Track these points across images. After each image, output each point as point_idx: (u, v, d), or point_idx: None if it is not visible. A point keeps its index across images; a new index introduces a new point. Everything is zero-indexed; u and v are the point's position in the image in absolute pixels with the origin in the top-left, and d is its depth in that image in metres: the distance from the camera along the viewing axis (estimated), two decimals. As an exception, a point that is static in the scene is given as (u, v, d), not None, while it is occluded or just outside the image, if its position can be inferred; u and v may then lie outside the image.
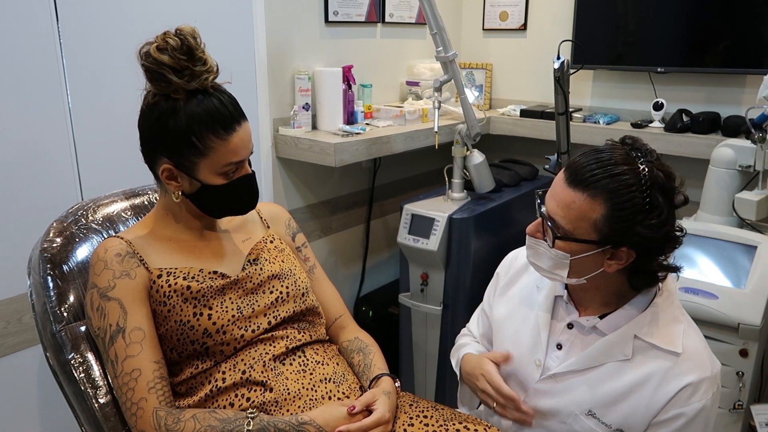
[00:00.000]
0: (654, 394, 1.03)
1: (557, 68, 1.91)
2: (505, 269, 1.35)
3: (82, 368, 1.11)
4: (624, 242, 0.99)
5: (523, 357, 1.17)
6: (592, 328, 1.11)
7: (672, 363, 1.04)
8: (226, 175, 1.10)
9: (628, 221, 0.97)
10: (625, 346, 1.06)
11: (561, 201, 1.02)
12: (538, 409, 1.13)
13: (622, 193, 0.96)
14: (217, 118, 1.06)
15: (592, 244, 1.00)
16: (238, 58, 2.03)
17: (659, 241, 1.00)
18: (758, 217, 1.82)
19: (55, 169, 1.63)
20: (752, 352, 1.68)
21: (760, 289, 1.67)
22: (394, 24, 2.61)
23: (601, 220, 0.98)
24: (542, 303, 1.18)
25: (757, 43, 2.17)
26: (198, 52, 1.04)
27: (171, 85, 1.04)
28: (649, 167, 0.98)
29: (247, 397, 1.08)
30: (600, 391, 1.07)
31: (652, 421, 1.05)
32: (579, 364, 1.10)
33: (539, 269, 1.11)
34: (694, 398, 1.02)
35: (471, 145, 2.09)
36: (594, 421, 1.07)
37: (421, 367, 2.17)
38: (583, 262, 1.03)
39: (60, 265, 1.16)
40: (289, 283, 1.21)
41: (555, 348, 1.15)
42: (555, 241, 1.03)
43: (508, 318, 1.25)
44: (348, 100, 2.31)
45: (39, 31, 1.54)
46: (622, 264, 1.02)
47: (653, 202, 0.96)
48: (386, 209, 2.81)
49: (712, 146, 1.99)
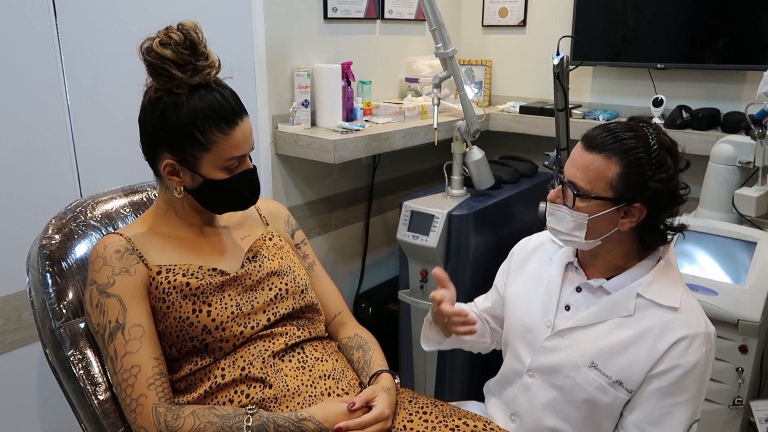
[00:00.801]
0: (652, 346, 1.11)
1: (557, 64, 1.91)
2: (518, 250, 1.43)
3: (82, 365, 1.11)
4: (637, 198, 1.09)
5: (534, 321, 1.26)
6: (599, 288, 1.20)
7: (670, 317, 1.12)
8: (228, 170, 1.10)
9: (641, 177, 1.08)
10: (628, 303, 1.15)
11: (580, 164, 1.13)
12: (544, 366, 1.22)
13: (634, 153, 1.08)
14: (219, 112, 1.06)
15: (609, 201, 1.10)
16: (237, 55, 2.03)
17: (668, 195, 1.10)
18: (758, 214, 1.82)
19: (53, 166, 1.62)
20: (752, 349, 1.68)
21: (760, 286, 1.67)
22: (393, 20, 2.61)
23: (617, 178, 1.09)
24: (554, 271, 1.27)
25: (756, 39, 2.17)
26: (200, 46, 1.05)
27: (174, 80, 1.04)
28: (656, 133, 1.11)
29: (246, 393, 1.08)
30: (602, 344, 1.15)
31: (649, 373, 1.11)
32: (584, 320, 1.19)
33: (558, 233, 1.19)
34: (690, 351, 1.09)
35: (470, 141, 2.08)
36: (596, 372, 1.15)
37: (421, 364, 2.17)
38: (599, 221, 1.12)
39: (59, 262, 1.16)
40: (288, 279, 1.21)
41: (564, 309, 1.24)
42: (575, 200, 1.12)
43: (522, 292, 1.33)
44: (347, 96, 2.30)
45: (37, 28, 1.54)
46: (634, 221, 1.12)
47: (661, 160, 1.08)
48: (386, 206, 2.80)
49: (711, 142, 1.99)
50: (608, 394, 1.14)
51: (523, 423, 1.27)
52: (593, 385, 1.15)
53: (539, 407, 1.23)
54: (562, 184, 1.16)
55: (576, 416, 1.20)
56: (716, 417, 1.76)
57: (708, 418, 1.74)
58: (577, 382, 1.17)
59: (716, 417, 1.76)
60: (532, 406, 1.25)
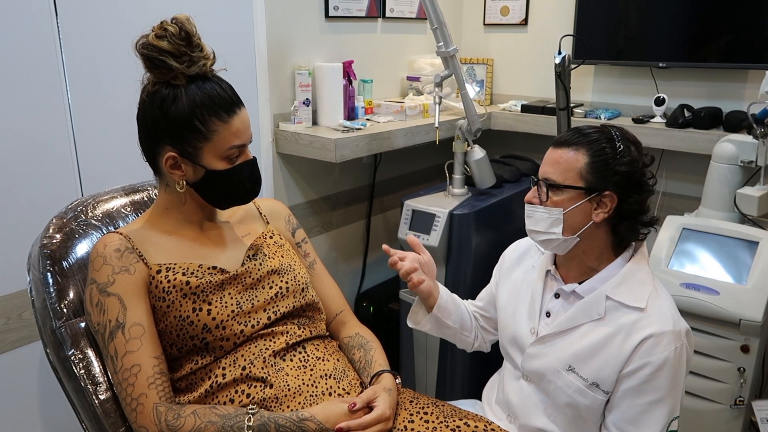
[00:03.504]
0: (621, 346, 1.15)
1: (558, 63, 1.91)
2: (509, 254, 1.47)
3: (83, 364, 1.11)
4: (607, 186, 1.15)
5: (522, 328, 1.30)
6: (572, 293, 1.24)
7: (637, 317, 1.16)
8: (229, 160, 1.11)
9: (607, 164, 1.15)
10: (598, 306, 1.19)
11: (551, 160, 1.20)
12: (531, 371, 1.27)
13: (598, 143, 1.17)
14: (218, 101, 1.08)
15: (581, 191, 1.17)
16: (239, 54, 2.02)
17: (635, 181, 1.17)
18: (760, 213, 1.82)
19: (54, 165, 1.62)
20: (753, 348, 1.67)
21: (762, 285, 1.66)
22: (394, 19, 2.61)
23: (585, 168, 1.16)
24: (535, 279, 1.32)
25: (759, 38, 2.16)
26: (195, 38, 1.07)
27: (171, 71, 1.05)
28: (619, 130, 1.20)
29: (247, 393, 1.08)
30: (577, 348, 1.19)
31: (621, 373, 1.14)
32: (561, 325, 1.23)
33: (537, 234, 1.23)
34: (657, 349, 1.12)
35: (472, 140, 2.08)
36: (574, 376, 1.19)
37: (422, 363, 2.17)
38: (574, 214, 1.18)
39: (60, 261, 1.16)
40: (288, 278, 1.21)
41: (545, 316, 1.28)
42: (549, 193, 1.19)
43: (511, 299, 1.37)
44: (348, 95, 2.30)
45: (38, 26, 1.54)
46: (607, 211, 1.17)
47: (624, 149, 1.17)
48: (387, 205, 2.80)
49: (713, 141, 1.98)
50: (587, 397, 1.17)
51: (519, 423, 1.29)
52: (572, 388, 1.19)
53: (531, 409, 1.27)
54: (536, 184, 1.23)
55: (562, 419, 1.23)
56: (718, 417, 1.75)
57: (710, 417, 1.74)
58: (558, 386, 1.21)
59: (718, 417, 1.75)
60: (526, 408, 1.27)
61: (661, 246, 1.85)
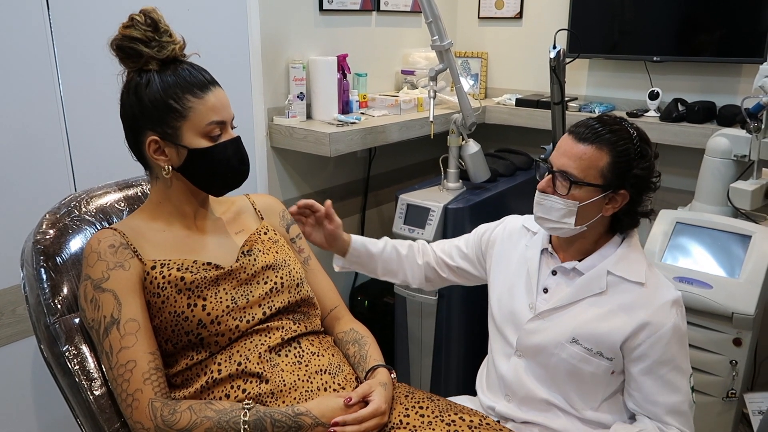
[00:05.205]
0: (625, 319, 1.22)
1: (553, 57, 1.91)
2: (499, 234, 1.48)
3: (77, 360, 1.11)
4: (624, 185, 1.21)
5: (519, 304, 1.34)
6: (572, 270, 1.29)
7: (639, 291, 1.23)
8: (210, 137, 1.11)
9: (629, 165, 1.20)
10: (600, 281, 1.25)
11: (573, 155, 1.21)
12: (528, 346, 1.30)
13: (621, 144, 1.20)
14: (191, 80, 1.10)
15: (599, 188, 1.21)
16: (232, 48, 2.01)
17: (649, 181, 1.23)
18: (752, 207, 1.83)
19: (47, 160, 1.61)
20: (746, 341, 1.69)
21: (754, 279, 1.67)
22: (389, 12, 2.60)
23: (607, 167, 1.20)
24: (532, 257, 1.36)
25: (753, 33, 2.16)
26: (162, 24, 1.10)
27: (142, 57, 1.08)
28: (634, 128, 1.24)
29: (243, 388, 1.08)
30: (580, 320, 1.25)
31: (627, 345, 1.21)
32: (562, 300, 1.28)
33: (546, 222, 1.27)
34: (664, 320, 1.20)
35: (466, 134, 2.08)
36: (578, 347, 1.24)
37: (417, 357, 2.18)
38: (588, 207, 1.22)
39: (53, 257, 1.16)
40: (283, 273, 1.21)
41: (542, 292, 1.32)
42: (570, 188, 1.21)
43: (507, 277, 1.40)
44: (343, 89, 2.30)
45: (30, 20, 1.52)
46: (617, 207, 1.23)
47: (643, 150, 1.21)
48: (381, 199, 2.80)
49: (707, 136, 1.99)
50: (591, 364, 1.24)
51: (518, 400, 1.32)
52: (576, 358, 1.24)
53: (530, 382, 1.30)
54: (553, 174, 1.24)
55: (565, 388, 1.28)
56: (710, 409, 1.77)
57: (702, 410, 1.75)
58: (561, 357, 1.26)
59: (710, 409, 1.77)
60: (524, 383, 1.31)
61: (654, 240, 1.86)
